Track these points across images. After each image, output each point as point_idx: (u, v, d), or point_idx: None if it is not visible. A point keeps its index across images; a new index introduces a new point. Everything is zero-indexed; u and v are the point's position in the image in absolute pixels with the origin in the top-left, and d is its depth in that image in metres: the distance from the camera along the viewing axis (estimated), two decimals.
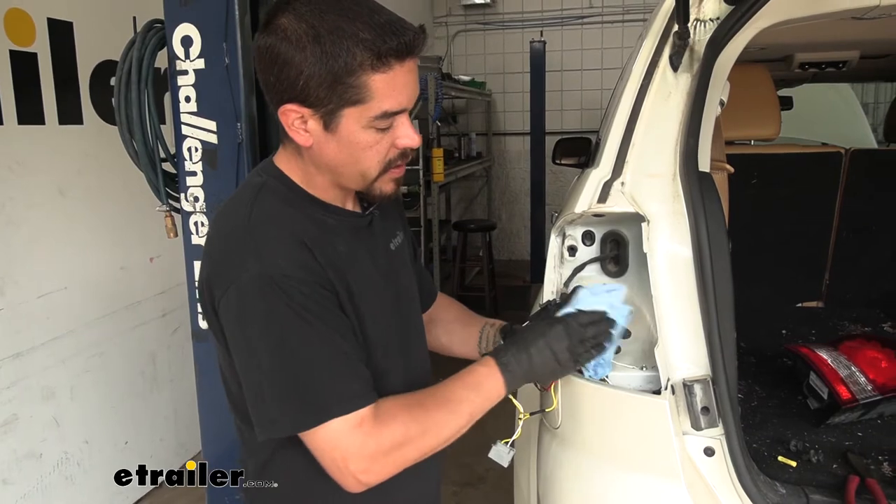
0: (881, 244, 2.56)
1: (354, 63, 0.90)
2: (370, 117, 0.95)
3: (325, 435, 0.94)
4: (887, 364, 1.54)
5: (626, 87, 1.39)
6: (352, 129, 0.96)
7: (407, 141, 1.00)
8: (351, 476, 0.96)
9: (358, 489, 0.97)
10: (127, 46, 1.74)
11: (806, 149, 2.63)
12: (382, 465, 0.97)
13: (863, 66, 2.67)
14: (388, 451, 0.97)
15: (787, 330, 2.32)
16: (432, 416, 1.02)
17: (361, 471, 0.96)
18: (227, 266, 0.98)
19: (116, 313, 2.91)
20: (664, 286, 1.25)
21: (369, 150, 0.98)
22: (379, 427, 0.96)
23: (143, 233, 3.01)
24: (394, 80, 0.94)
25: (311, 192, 1.05)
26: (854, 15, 1.37)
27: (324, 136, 0.97)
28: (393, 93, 0.94)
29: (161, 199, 1.80)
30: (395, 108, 0.96)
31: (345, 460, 0.95)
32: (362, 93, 0.92)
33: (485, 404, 1.07)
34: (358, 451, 0.95)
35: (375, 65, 0.91)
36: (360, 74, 0.91)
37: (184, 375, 3.28)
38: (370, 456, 0.96)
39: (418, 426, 1.00)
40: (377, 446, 0.96)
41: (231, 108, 1.70)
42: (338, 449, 0.95)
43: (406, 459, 1.00)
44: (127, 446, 2.98)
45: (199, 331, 1.82)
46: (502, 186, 7.49)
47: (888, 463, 1.39)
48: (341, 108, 0.94)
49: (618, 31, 6.83)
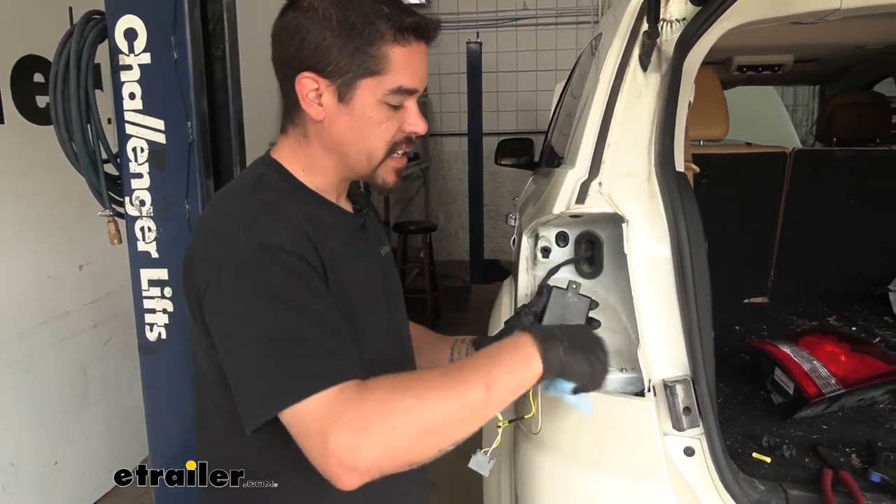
0: (823, 241, 2.66)
1: (376, 34, 0.94)
2: (385, 90, 0.97)
3: (303, 412, 0.82)
4: (846, 358, 1.59)
5: (598, 87, 1.38)
6: (366, 102, 0.98)
7: (414, 127, 1.02)
8: (335, 459, 0.79)
9: (347, 479, 0.81)
10: (63, 39, 1.61)
11: (753, 149, 2.72)
12: (369, 440, 0.80)
13: (794, 69, 2.78)
14: (374, 419, 0.82)
15: (740, 326, 2.38)
16: (429, 382, 0.88)
17: (346, 448, 0.79)
18: (217, 245, 0.93)
19: (44, 325, 2.72)
20: (643, 287, 1.24)
21: (378, 127, 0.99)
22: (362, 393, 0.83)
23: (72, 239, 2.83)
24: (411, 56, 0.98)
25: (309, 186, 1.04)
26: (817, 17, 1.41)
27: (337, 110, 0.98)
28: (409, 69, 0.98)
29: (104, 204, 1.67)
30: (409, 86, 0.99)
31: (324, 435, 0.80)
32: (381, 63, 0.96)
33: (508, 375, 0.91)
34: (337, 424, 0.80)
35: (396, 37, 0.95)
36: (381, 45, 0.95)
37: (117, 389, 3.12)
38: (352, 426, 0.80)
39: (411, 392, 0.86)
40: (360, 412, 0.81)
41: (180, 106, 1.60)
42: (315, 424, 0.81)
43: (399, 433, 0.82)
44: (57, 466, 2.79)
45: (146, 343, 1.71)
46: (440, 187, 7.48)
47: (856, 455, 1.43)
48: (359, 79, 0.96)
49: (552, 34, 6.92)
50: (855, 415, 1.65)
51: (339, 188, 1.09)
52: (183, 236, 1.63)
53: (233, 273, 0.89)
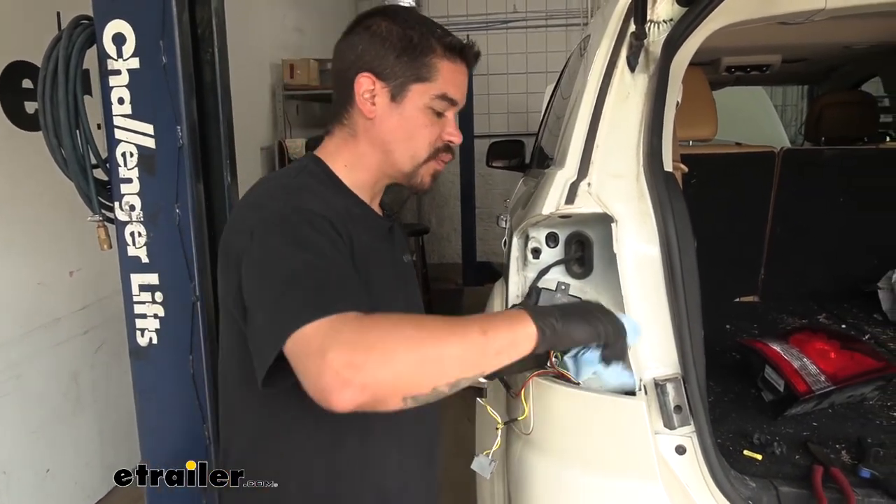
0: (812, 239, 2.68)
1: (429, 48, 1.10)
2: (433, 95, 1.10)
3: (305, 335, 0.83)
4: (836, 355, 1.60)
5: (586, 88, 1.39)
6: (415, 104, 1.11)
7: (452, 136, 1.15)
8: (331, 372, 0.79)
9: (339, 395, 0.80)
10: (51, 44, 1.61)
11: (742, 149, 2.73)
12: (366, 358, 0.81)
13: (782, 69, 2.79)
14: (372, 339, 0.83)
15: (731, 325, 2.39)
16: (430, 319, 0.91)
17: (343, 363, 0.80)
18: (254, 212, 1.03)
19: (34, 332, 2.71)
20: (633, 286, 1.25)
21: (424, 129, 1.12)
22: (363, 318, 0.85)
23: (62, 245, 2.82)
24: (455, 72, 1.12)
25: (347, 183, 1.14)
26: (803, 17, 1.42)
27: (388, 109, 1.11)
28: (454, 82, 1.12)
29: (93, 209, 1.67)
30: (452, 95, 1.12)
31: (322, 352, 0.81)
32: (431, 72, 1.10)
33: (505, 330, 0.93)
34: (336, 340, 0.81)
35: (445, 53, 1.11)
36: (433, 57, 1.10)
37: (109, 395, 3.10)
38: (351, 343, 0.82)
39: (412, 322, 0.89)
40: (360, 333, 0.83)
41: (169, 111, 1.59)
42: (315, 342, 0.82)
43: (397, 357, 0.83)
44: (49, 474, 2.78)
45: (137, 348, 1.71)
46: (432, 190, 7.45)
47: (846, 451, 1.44)
48: (411, 83, 1.10)
49: (542, 36, 6.94)
50: (845, 411, 1.66)
51: (374, 189, 1.19)
52: (173, 241, 1.63)
53: (266, 230, 0.97)
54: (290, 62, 4.99)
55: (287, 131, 5.15)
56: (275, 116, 5.08)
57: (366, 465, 1.10)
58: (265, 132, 4.94)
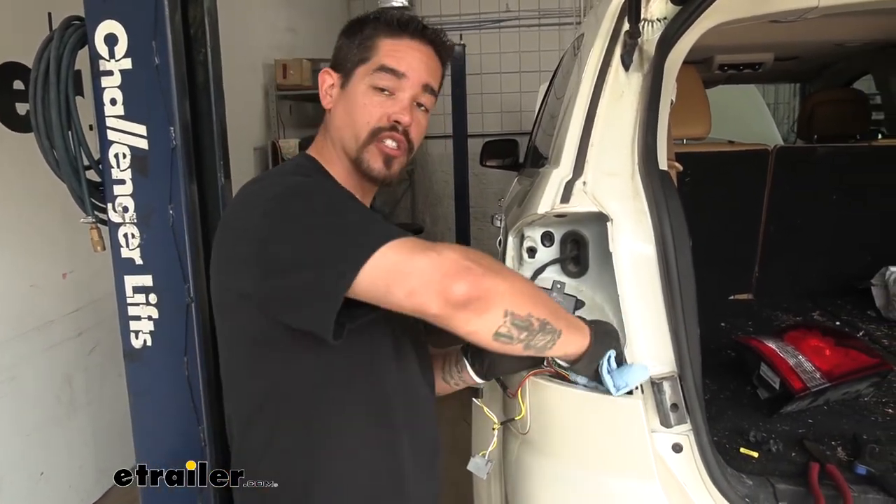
0: (806, 237, 2.69)
1: (371, 30, 1.13)
2: (371, 70, 1.11)
3: (387, 250, 0.86)
4: (830, 352, 1.60)
5: (581, 87, 1.39)
6: (356, 86, 1.12)
7: (399, 115, 1.11)
8: (450, 262, 0.86)
9: (460, 285, 0.85)
10: (42, 45, 1.59)
11: (735, 147, 2.74)
12: (479, 262, 0.88)
13: (774, 67, 2.80)
14: (474, 255, 0.90)
15: (726, 322, 2.40)
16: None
17: (461, 257, 0.87)
18: (258, 196, 1.03)
19: (27, 334, 2.70)
20: (629, 285, 1.25)
21: (363, 109, 1.11)
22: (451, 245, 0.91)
23: (55, 247, 2.80)
24: (398, 45, 1.12)
25: (340, 181, 1.15)
26: (796, 16, 1.42)
27: (339, 97, 1.14)
28: (395, 54, 1.11)
29: (86, 211, 1.65)
30: (391, 65, 1.10)
31: (429, 250, 0.86)
32: (371, 51, 1.12)
33: (570, 318, 1.08)
34: (440, 246, 0.88)
35: (387, 31, 1.12)
36: (375, 38, 1.12)
37: (103, 397, 3.09)
38: (460, 250, 0.89)
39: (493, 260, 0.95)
40: (457, 252, 0.89)
41: (162, 111, 1.58)
42: (419, 247, 0.87)
43: (503, 273, 0.93)
44: (43, 478, 2.76)
45: (131, 350, 1.69)
46: (426, 190, 7.46)
47: (842, 448, 1.45)
48: (355, 67, 1.13)
49: (535, 35, 6.94)
50: (840, 408, 1.66)
51: (361, 186, 1.18)
52: (167, 242, 1.62)
53: (281, 202, 0.97)
54: (283, 62, 4.97)
55: (280, 131, 5.13)
56: (268, 117, 5.07)
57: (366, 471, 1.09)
58: (258, 132, 4.93)
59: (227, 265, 1.05)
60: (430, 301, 0.85)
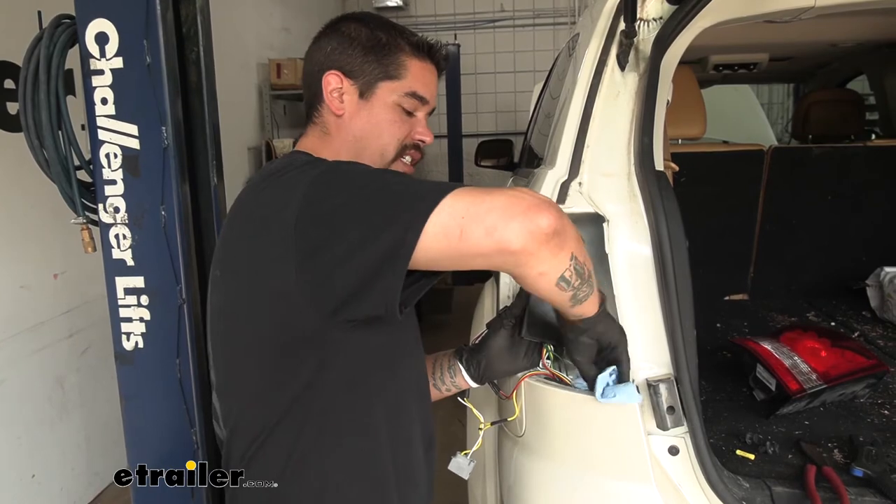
0: (801, 237, 2.69)
1: (397, 46, 1.12)
2: (402, 93, 1.12)
3: (465, 196, 0.84)
4: (826, 353, 1.59)
5: (576, 87, 1.38)
6: (384, 101, 1.12)
7: (423, 135, 1.16)
8: (531, 197, 0.85)
9: (546, 217, 0.84)
10: (32, 44, 1.57)
11: (731, 147, 2.74)
12: (549, 204, 0.87)
13: (769, 67, 2.81)
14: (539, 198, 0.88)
15: (721, 323, 2.39)
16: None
17: (538, 196, 0.87)
18: (282, 193, 0.96)
19: (18, 336, 2.67)
20: (625, 286, 1.24)
21: (392, 126, 1.13)
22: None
23: (46, 247, 2.78)
24: (424, 70, 1.14)
25: None
26: (791, 16, 1.41)
27: (357, 106, 1.13)
28: (423, 80, 1.14)
29: (77, 211, 1.63)
30: (422, 94, 1.13)
31: (502, 192, 0.85)
32: (400, 70, 1.12)
33: (594, 284, 1.03)
34: (517, 193, 0.86)
35: (414, 52, 1.13)
36: (401, 55, 1.12)
37: (95, 399, 3.07)
38: (532, 194, 0.88)
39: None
40: (525, 191, 0.88)
41: (154, 111, 1.56)
42: (498, 192, 0.85)
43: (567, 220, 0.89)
44: (34, 480, 2.74)
45: (122, 353, 1.68)
46: None
47: (838, 450, 1.44)
48: (379, 81, 1.12)
49: (529, 35, 6.94)
50: (836, 410, 1.66)
51: None
52: (159, 243, 1.61)
53: (323, 181, 0.93)
54: (276, 62, 4.96)
55: (274, 131, 5.12)
56: (262, 116, 5.05)
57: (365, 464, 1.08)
58: (252, 132, 4.91)
59: (256, 266, 0.98)
60: (514, 235, 0.82)
